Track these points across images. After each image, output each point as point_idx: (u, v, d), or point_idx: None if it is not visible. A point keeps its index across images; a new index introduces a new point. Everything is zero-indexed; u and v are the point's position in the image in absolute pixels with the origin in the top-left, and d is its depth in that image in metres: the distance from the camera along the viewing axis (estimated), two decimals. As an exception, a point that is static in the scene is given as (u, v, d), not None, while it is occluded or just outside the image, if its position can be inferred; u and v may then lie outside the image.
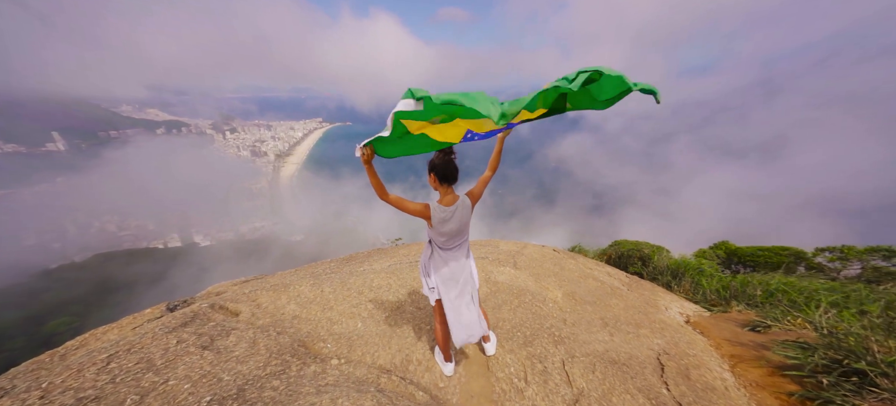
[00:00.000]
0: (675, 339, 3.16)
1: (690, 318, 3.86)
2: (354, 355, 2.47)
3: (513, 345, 2.69)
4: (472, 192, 2.08)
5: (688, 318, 3.86)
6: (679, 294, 4.92)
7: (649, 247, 6.87)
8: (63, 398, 1.58)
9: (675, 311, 4.09)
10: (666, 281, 5.39)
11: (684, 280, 5.18)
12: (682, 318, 3.87)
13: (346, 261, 5.28)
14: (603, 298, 4.02)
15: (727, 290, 4.58)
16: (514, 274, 4.31)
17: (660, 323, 3.53)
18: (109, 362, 1.91)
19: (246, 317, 2.83)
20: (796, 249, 6.79)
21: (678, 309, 4.16)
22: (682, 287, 5.07)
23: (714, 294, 4.61)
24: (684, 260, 5.93)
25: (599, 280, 4.79)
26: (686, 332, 3.38)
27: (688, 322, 3.76)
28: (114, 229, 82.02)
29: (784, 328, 2.97)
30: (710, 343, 3.16)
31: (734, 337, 3.12)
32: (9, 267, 57.74)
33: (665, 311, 4.01)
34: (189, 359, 2.00)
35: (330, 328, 2.82)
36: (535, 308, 3.40)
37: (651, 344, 3.01)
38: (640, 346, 2.94)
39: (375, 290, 3.57)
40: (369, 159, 1.78)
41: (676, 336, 3.22)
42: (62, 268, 58.75)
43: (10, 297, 48.14)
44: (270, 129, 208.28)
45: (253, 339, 2.36)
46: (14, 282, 53.17)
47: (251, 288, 3.52)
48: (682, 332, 3.32)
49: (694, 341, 3.16)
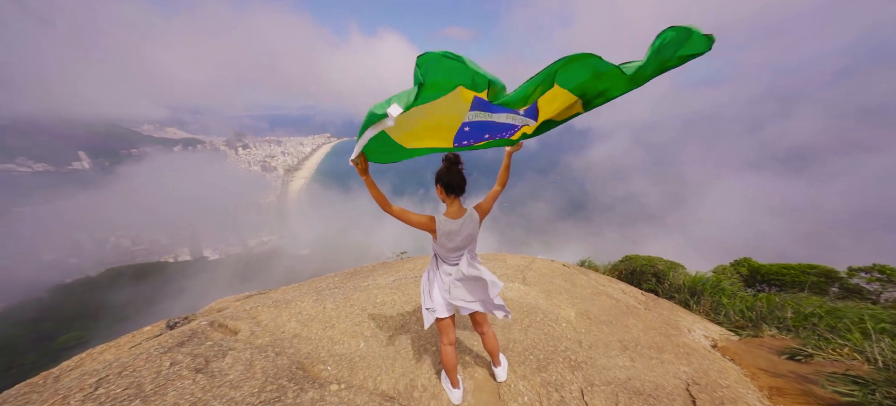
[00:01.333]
0: (704, 366, 2.90)
1: (718, 342, 3.58)
2: (355, 379, 2.31)
3: (526, 370, 2.50)
4: (480, 206, 1.97)
5: (715, 343, 3.58)
6: (699, 314, 4.61)
7: (663, 262, 6.56)
8: None
9: (700, 333, 3.81)
10: (683, 299, 5.08)
11: (704, 299, 4.87)
12: (707, 342, 3.59)
13: (350, 275, 5.16)
14: (619, 318, 3.78)
15: (752, 311, 4.27)
16: (524, 290, 4.11)
17: (684, 347, 3.27)
18: (98, 387, 1.81)
19: (245, 335, 2.72)
20: (826, 268, 6.36)
21: (702, 331, 3.87)
22: (701, 307, 4.76)
23: (738, 315, 4.29)
24: (702, 277, 5.62)
25: (614, 297, 4.54)
26: (715, 358, 3.11)
27: (715, 347, 3.48)
28: (128, 244, 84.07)
29: (829, 358, 2.69)
30: (744, 372, 2.89)
31: (771, 366, 2.85)
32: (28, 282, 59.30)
33: (688, 334, 3.74)
34: (181, 383, 1.88)
35: (331, 348, 2.68)
36: (548, 328, 3.20)
37: (677, 372, 2.77)
38: (665, 374, 2.70)
39: (379, 306, 3.44)
40: (365, 170, 1.71)
41: (705, 363, 2.95)
42: (77, 282, 59.92)
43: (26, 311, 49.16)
44: (280, 145, 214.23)
45: (249, 361, 2.24)
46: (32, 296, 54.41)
47: (253, 304, 3.42)
48: (710, 359, 3.05)
49: (725, 370, 2.89)
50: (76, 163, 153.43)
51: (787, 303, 4.22)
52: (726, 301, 4.58)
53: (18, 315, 48.05)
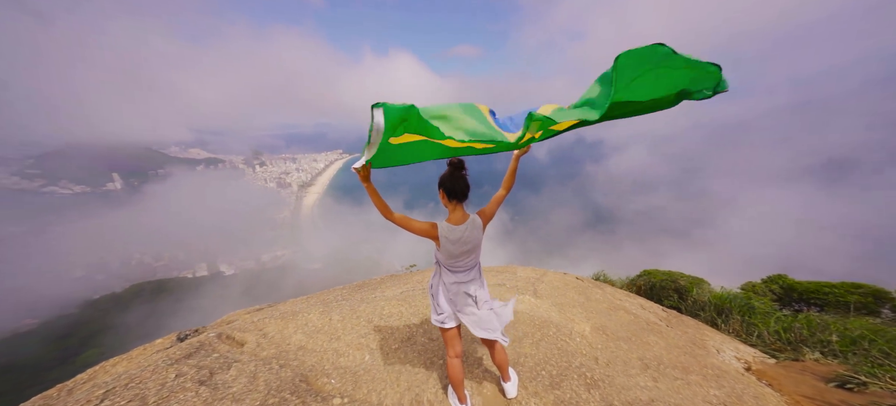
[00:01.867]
0: (738, 391, 2.64)
1: (751, 364, 3.29)
2: (359, 394, 2.24)
3: (537, 387, 2.35)
4: (483, 212, 1.93)
5: (748, 365, 3.29)
6: (729, 334, 4.27)
7: (686, 278, 6.20)
8: None
9: (730, 354, 3.52)
10: (709, 317, 4.74)
11: (733, 318, 4.51)
12: (739, 364, 3.31)
13: (357, 287, 5.13)
14: (638, 334, 3.56)
15: (790, 333, 3.91)
16: (535, 303, 3.96)
17: (713, 369, 3.02)
18: (104, 399, 1.82)
19: (251, 347, 2.70)
20: (875, 287, 5.79)
21: (733, 352, 3.58)
22: (730, 326, 4.41)
23: (773, 336, 3.94)
24: (730, 294, 5.24)
25: (632, 313, 4.30)
26: (750, 383, 2.84)
27: (749, 370, 3.19)
28: (150, 260, 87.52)
29: (888, 387, 2.40)
30: (786, 400, 2.61)
31: (817, 394, 2.56)
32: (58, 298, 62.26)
33: (717, 355, 3.46)
34: (184, 396, 1.87)
35: (336, 361, 2.62)
36: (561, 343, 3.04)
37: (707, 395, 2.54)
38: (693, 398, 2.48)
39: (386, 318, 3.37)
40: (367, 177, 1.71)
41: (738, 387, 2.70)
42: (104, 298, 62.48)
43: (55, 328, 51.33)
44: (295, 162, 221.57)
45: (253, 374, 2.21)
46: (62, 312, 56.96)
47: (261, 316, 3.43)
48: (744, 383, 2.79)
49: (763, 396, 2.62)
50: (110, 183, 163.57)
51: (832, 324, 3.85)
52: (759, 321, 4.23)
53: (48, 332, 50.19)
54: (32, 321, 54.93)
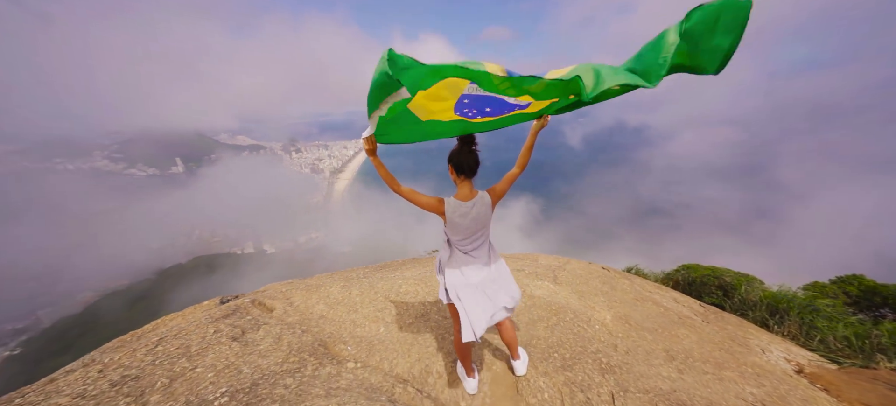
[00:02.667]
0: (781, 391, 2.38)
1: (804, 367, 2.93)
2: (372, 360, 2.37)
3: (548, 367, 2.31)
4: (493, 189, 1.87)
5: (800, 367, 2.94)
6: (782, 336, 3.80)
7: (732, 274, 5.56)
8: (113, 374, 1.76)
9: (778, 355, 3.16)
10: (759, 317, 4.21)
11: (789, 319, 3.96)
12: (789, 366, 2.96)
13: (379, 268, 5.34)
14: (667, 327, 3.32)
15: (865, 340, 3.38)
16: (554, 289, 3.85)
17: (754, 367, 2.74)
18: (158, 345, 2.11)
19: (279, 313, 2.96)
20: None
21: (782, 353, 3.21)
22: (786, 328, 3.88)
23: (841, 342, 3.42)
24: (789, 293, 4.60)
25: (662, 305, 4.01)
26: (799, 385, 2.54)
27: (800, 372, 2.85)
28: (207, 236, 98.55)
29: None
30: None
31: (888, 405, 2.23)
32: (140, 265, 73.22)
33: (761, 354, 3.13)
34: (219, 348, 2.11)
35: (353, 331, 2.79)
36: (578, 329, 2.94)
37: (741, 392, 2.32)
38: (724, 393, 2.29)
39: (403, 296, 3.49)
40: (373, 150, 1.72)
41: (783, 388, 2.43)
42: (172, 268, 72.26)
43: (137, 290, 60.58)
44: (327, 149, 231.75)
45: (278, 335, 2.43)
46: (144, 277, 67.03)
47: (289, 287, 3.72)
48: (791, 385, 2.50)
49: (813, 399, 2.34)
50: (174, 167, 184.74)
51: None
52: (823, 325, 3.70)
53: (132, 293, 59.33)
54: (123, 281, 65.58)
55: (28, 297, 64.93)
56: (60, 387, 1.57)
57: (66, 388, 1.55)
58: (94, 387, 1.58)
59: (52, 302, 62.07)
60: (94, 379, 1.67)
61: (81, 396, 1.49)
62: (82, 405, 1.44)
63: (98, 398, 1.49)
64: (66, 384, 1.60)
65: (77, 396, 1.49)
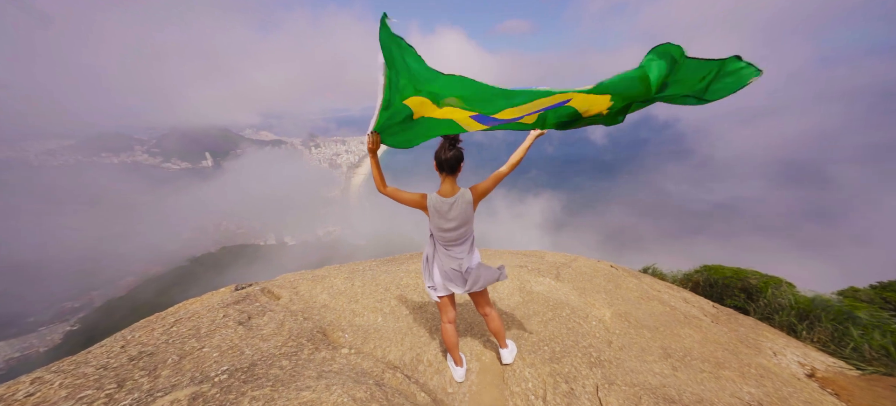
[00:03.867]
0: (783, 394, 2.29)
1: (818, 371, 2.78)
2: (366, 347, 2.49)
3: (535, 359, 2.35)
4: (477, 187, 1.90)
5: (813, 371, 2.79)
6: (809, 343, 3.54)
7: (758, 276, 5.19)
8: (133, 350, 1.97)
9: (792, 358, 3.00)
10: (786, 322, 3.93)
11: (820, 326, 3.69)
12: (801, 370, 2.82)
13: (385, 261, 5.49)
14: (669, 325, 3.24)
15: None
16: (555, 286, 3.83)
17: (758, 368, 2.64)
18: (173, 326, 2.32)
19: (284, 301, 3.15)
20: None
21: (796, 357, 3.04)
22: (815, 335, 3.62)
23: (879, 351, 3.14)
24: (822, 298, 4.27)
25: (669, 304, 3.90)
26: (805, 388, 2.43)
27: (812, 376, 2.71)
28: (234, 227, 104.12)
29: None
30: (851, 410, 2.20)
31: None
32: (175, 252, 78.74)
33: (772, 356, 2.99)
34: (226, 331, 2.29)
35: (351, 319, 2.93)
36: (573, 324, 2.93)
37: (737, 391, 2.26)
38: (718, 391, 2.24)
39: (403, 288, 3.60)
40: (375, 148, 1.80)
41: (785, 390, 2.33)
42: (203, 256, 77.19)
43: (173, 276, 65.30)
44: (345, 144, 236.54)
45: (281, 321, 2.60)
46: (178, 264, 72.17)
47: (296, 277, 3.93)
48: (796, 387, 2.40)
49: (818, 402, 2.24)
50: (204, 161, 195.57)
51: None
52: (856, 333, 3.43)
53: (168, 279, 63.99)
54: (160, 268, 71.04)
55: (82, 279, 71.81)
56: (88, 359, 1.79)
57: (93, 360, 1.77)
58: (116, 360, 1.79)
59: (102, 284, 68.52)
60: (117, 353, 1.88)
61: (104, 367, 1.69)
62: (104, 375, 1.64)
63: (118, 370, 1.69)
64: (93, 357, 1.82)
65: (100, 367, 1.69)
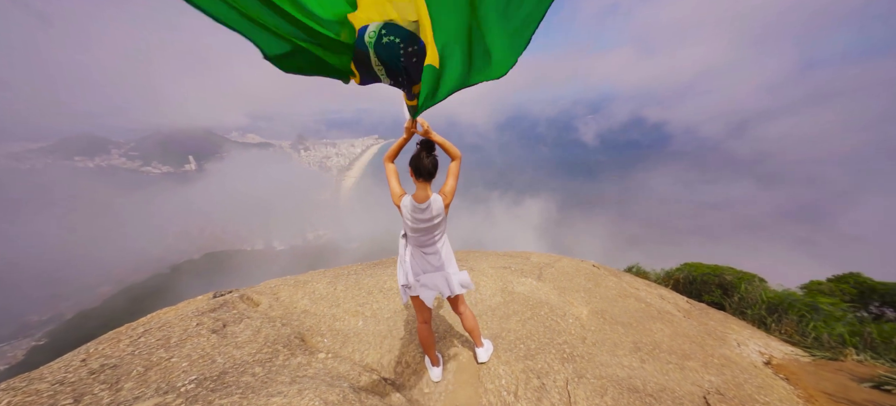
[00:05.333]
0: (740, 380, 2.44)
1: (774, 359, 2.96)
2: (344, 351, 2.49)
3: (510, 357, 2.40)
4: (443, 190, 1.95)
5: (770, 359, 2.97)
6: (778, 336, 3.82)
7: (734, 273, 5.53)
8: (94, 363, 1.92)
9: (753, 348, 3.19)
10: (758, 316, 4.24)
11: (787, 318, 3.99)
12: (760, 358, 3.00)
13: (370, 265, 5.47)
14: (643, 321, 3.36)
15: (857, 339, 3.39)
16: (536, 286, 3.91)
17: (721, 358, 2.78)
18: (142, 336, 2.27)
19: (263, 308, 3.11)
20: None
21: (758, 347, 3.23)
22: (783, 327, 3.92)
23: (836, 339, 3.44)
24: (789, 293, 4.61)
25: (645, 301, 4.04)
26: (760, 374, 2.59)
27: (769, 364, 2.89)
28: (219, 232, 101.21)
29: None
30: (799, 393, 2.36)
31: (841, 391, 2.28)
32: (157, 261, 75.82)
33: (735, 347, 3.16)
34: (198, 340, 2.26)
35: (332, 324, 2.92)
36: (551, 323, 3.01)
37: (699, 380, 2.38)
38: (681, 380, 2.35)
39: (386, 292, 3.60)
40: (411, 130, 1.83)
41: (743, 377, 2.48)
42: (186, 263, 74.68)
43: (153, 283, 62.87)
44: (335, 147, 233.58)
45: (258, 328, 2.57)
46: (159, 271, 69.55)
47: (277, 283, 3.88)
48: (752, 374, 2.55)
49: (770, 387, 2.40)
50: (187, 165, 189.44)
51: None
52: (820, 324, 3.70)
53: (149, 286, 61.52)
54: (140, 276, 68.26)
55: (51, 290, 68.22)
56: (44, 374, 1.73)
57: (48, 376, 1.71)
58: (74, 374, 1.74)
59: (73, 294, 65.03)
60: (76, 367, 1.83)
61: (60, 383, 1.64)
62: (59, 390, 1.59)
63: (75, 385, 1.65)
64: (50, 372, 1.76)
65: (56, 383, 1.64)
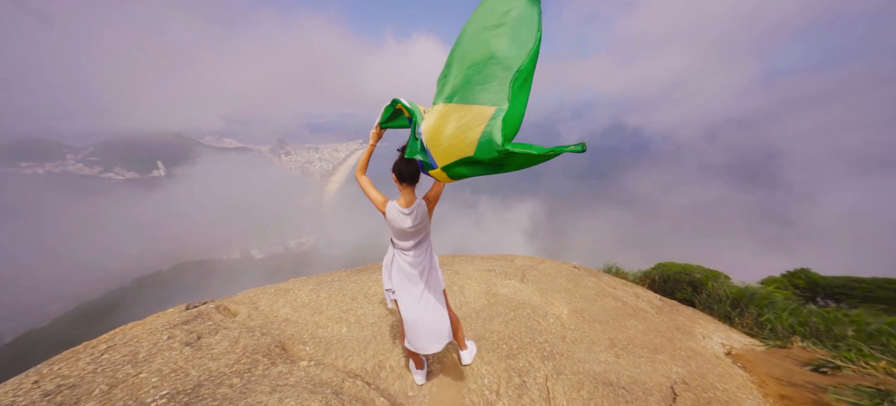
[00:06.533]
0: (704, 370, 2.63)
1: (734, 349, 3.21)
2: (327, 359, 2.45)
3: (493, 357, 2.46)
4: (427, 196, 2.00)
5: (730, 350, 3.22)
6: (740, 328, 4.15)
7: (702, 271, 5.97)
8: (49, 384, 1.78)
9: (717, 340, 3.44)
10: (723, 311, 4.58)
11: (747, 312, 4.35)
12: (722, 350, 3.24)
13: (355, 271, 5.39)
14: (619, 319, 3.54)
15: (805, 327, 3.73)
16: (519, 287, 4.01)
17: (687, 351, 2.98)
18: (104, 353, 2.13)
19: (242, 318, 3.00)
20: None
21: (721, 339, 3.49)
22: (744, 320, 4.27)
23: (788, 330, 3.78)
24: (750, 288, 5.02)
25: (621, 300, 4.24)
26: (721, 364, 2.80)
27: (729, 354, 3.13)
28: (192, 242, 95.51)
29: (860, 371, 2.31)
30: (752, 379, 2.57)
31: (786, 376, 2.51)
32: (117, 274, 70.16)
33: (701, 340, 3.39)
34: (169, 354, 2.15)
35: (314, 331, 2.86)
36: (533, 323, 3.10)
37: (668, 371, 2.54)
38: (652, 373, 2.49)
39: (370, 297, 3.57)
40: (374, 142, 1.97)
41: (706, 367, 2.67)
42: (152, 275, 69.68)
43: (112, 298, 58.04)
44: (318, 152, 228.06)
45: (236, 339, 2.48)
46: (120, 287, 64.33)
47: (257, 292, 3.75)
48: (714, 364, 2.75)
49: (729, 375, 2.60)
50: (155, 171, 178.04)
51: (856, 318, 3.63)
52: (773, 315, 4.05)
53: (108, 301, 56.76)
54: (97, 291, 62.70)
55: (-14, 308, 61.35)
56: (-8, 398, 1.59)
57: (-4, 400, 1.58)
58: (25, 398, 1.60)
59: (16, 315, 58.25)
60: (27, 390, 1.69)
61: (13, 406, 1.52)
62: (12, 413, 1.47)
63: (30, 407, 1.52)
64: (-1, 395, 1.62)
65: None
